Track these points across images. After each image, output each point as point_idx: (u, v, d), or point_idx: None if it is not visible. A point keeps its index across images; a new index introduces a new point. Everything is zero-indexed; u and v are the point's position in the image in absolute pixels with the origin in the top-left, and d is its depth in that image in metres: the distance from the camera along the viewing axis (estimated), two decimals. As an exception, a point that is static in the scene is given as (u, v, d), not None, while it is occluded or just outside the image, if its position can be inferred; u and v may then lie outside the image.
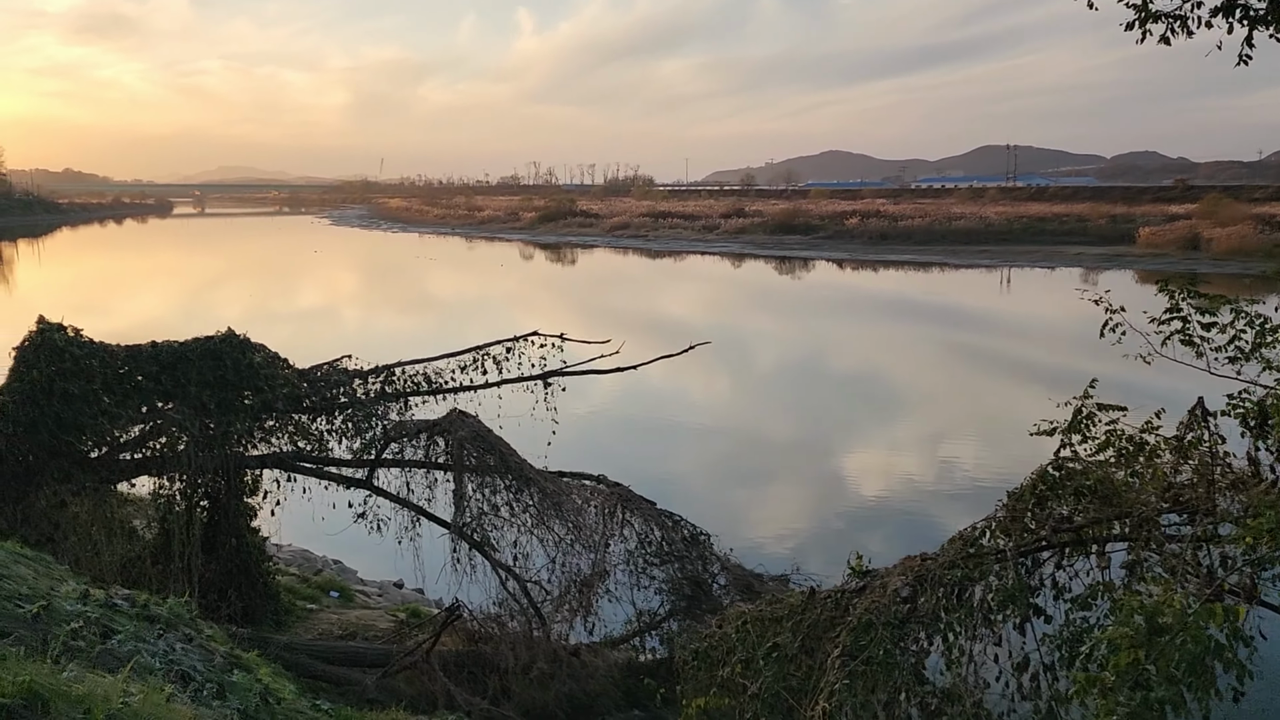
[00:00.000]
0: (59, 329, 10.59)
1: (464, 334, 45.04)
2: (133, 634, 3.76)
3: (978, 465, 23.43)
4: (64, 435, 10.22)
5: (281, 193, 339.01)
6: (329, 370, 12.16)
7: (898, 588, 5.05)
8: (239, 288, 70.47)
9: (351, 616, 14.90)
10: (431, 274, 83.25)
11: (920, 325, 49.36)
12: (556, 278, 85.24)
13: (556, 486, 10.41)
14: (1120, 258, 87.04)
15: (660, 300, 61.24)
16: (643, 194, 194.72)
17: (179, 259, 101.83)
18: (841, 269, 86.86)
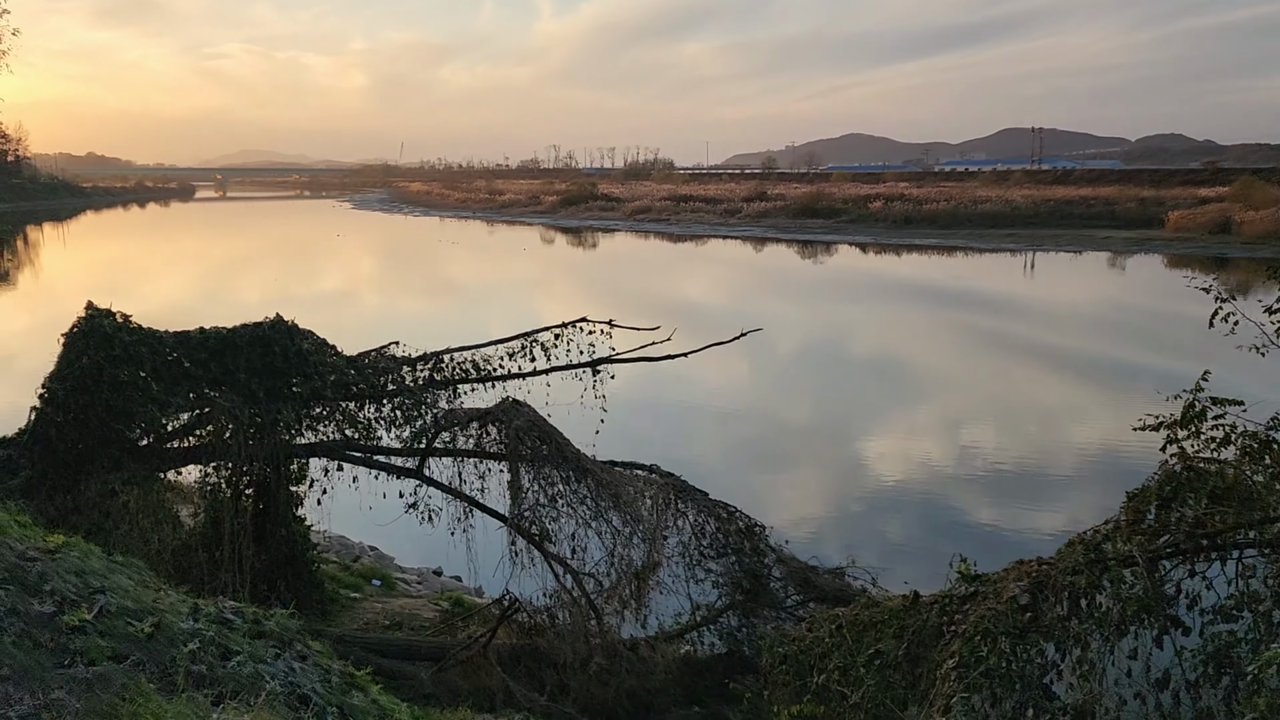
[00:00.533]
0: (108, 315, 10.40)
1: (494, 319, 45.11)
2: (250, 654, 3.54)
3: (1050, 460, 22.96)
4: (114, 423, 10.05)
5: (302, 176, 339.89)
6: (376, 357, 11.95)
7: (1015, 594, 4.76)
8: (265, 272, 70.65)
9: (395, 605, 14.76)
10: (456, 258, 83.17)
11: (952, 311, 48.80)
12: (581, 262, 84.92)
13: (612, 477, 10.16)
14: (1149, 242, 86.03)
15: (690, 286, 60.70)
16: (663, 177, 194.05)
17: (204, 243, 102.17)
18: (867, 253, 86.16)
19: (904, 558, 15.76)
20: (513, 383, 12.39)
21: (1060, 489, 20.93)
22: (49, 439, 9.85)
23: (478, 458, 10.77)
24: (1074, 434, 25.21)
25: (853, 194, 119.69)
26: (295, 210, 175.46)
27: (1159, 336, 41.10)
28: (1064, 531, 18.00)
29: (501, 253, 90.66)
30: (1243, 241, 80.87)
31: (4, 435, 10.46)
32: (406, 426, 11.40)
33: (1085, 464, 22.50)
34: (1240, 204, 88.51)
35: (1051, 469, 22.21)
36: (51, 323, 39.45)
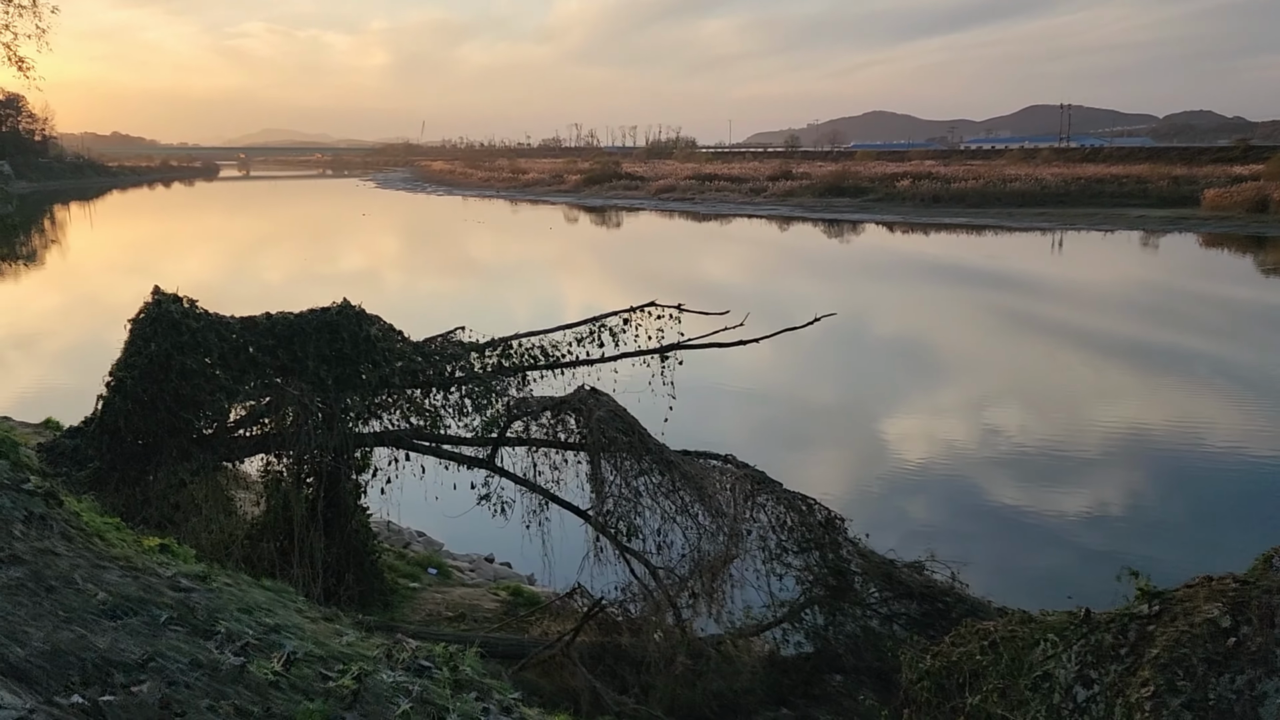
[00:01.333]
0: (175, 300, 10.08)
1: (532, 303, 44.81)
2: (462, 713, 3.17)
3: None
4: (182, 412, 9.74)
5: (325, 155, 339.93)
6: (442, 342, 11.59)
7: (1214, 617, 4.36)
8: (297, 252, 70.56)
9: (455, 595, 14.47)
10: (484, 238, 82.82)
11: (999, 294, 48.04)
12: (610, 242, 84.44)
13: (695, 470, 9.78)
14: (1184, 220, 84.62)
15: (728, 267, 59.83)
16: (686, 156, 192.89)
17: (234, 222, 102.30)
18: (897, 232, 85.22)
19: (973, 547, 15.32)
20: (581, 370, 12.04)
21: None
22: (117, 429, 9.56)
23: (555, 448, 10.40)
24: (1141, 420, 24.65)
25: (879, 172, 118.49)
26: (319, 189, 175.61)
27: (1226, 321, 40.37)
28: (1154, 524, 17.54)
29: (528, 232, 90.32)
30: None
31: (72, 425, 10.17)
32: (476, 415, 11.04)
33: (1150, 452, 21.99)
34: (1277, 182, 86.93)
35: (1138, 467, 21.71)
36: (87, 302, 39.25)
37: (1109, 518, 17.89)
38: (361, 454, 11.52)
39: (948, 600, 10.37)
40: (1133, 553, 15.65)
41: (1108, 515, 18.05)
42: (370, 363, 10.63)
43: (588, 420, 9.75)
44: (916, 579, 10.69)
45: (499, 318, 38.82)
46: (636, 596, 10.94)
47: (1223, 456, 21.65)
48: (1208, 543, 16.40)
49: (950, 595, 10.41)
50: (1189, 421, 24.39)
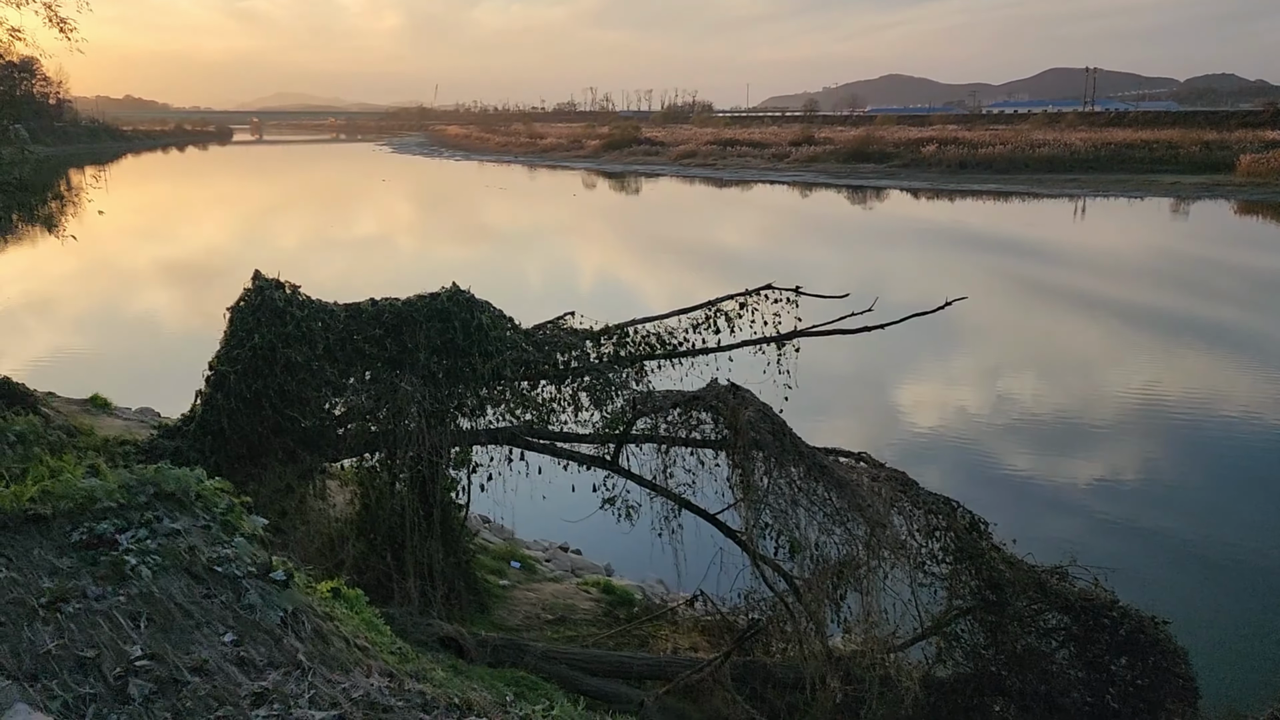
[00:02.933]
0: (277, 286, 9.21)
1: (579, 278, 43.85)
2: None
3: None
4: (288, 410, 8.91)
5: (338, 120, 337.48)
6: (553, 330, 10.70)
7: None
8: (325, 220, 69.66)
9: (546, 594, 13.71)
10: (508, 205, 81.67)
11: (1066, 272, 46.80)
12: (642, 211, 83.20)
13: (846, 475, 8.90)
14: (1219, 187, 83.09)
15: (779, 239, 58.21)
16: (703, 121, 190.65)
17: (254, 187, 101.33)
18: (927, 200, 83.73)
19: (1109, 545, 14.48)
20: (692, 359, 11.16)
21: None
22: (220, 429, 8.74)
23: (689, 446, 9.53)
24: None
25: (903, 138, 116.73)
26: (334, 154, 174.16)
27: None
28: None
29: (552, 199, 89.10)
30: (1319, 187, 77.85)
31: (170, 423, 9.34)
32: (594, 410, 10.18)
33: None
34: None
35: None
36: (115, 268, 37.99)
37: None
38: (461, 450, 10.70)
39: (1111, 616, 9.52)
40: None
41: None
42: (482, 353, 9.76)
43: (733, 419, 8.87)
44: (1073, 590, 9.84)
45: (549, 295, 38.04)
46: (771, 609, 10.16)
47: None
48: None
49: (1114, 610, 9.55)
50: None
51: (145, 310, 37.56)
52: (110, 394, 21.52)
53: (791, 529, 8.49)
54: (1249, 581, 14.76)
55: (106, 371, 26.83)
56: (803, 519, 8.49)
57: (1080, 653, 9.42)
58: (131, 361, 29.11)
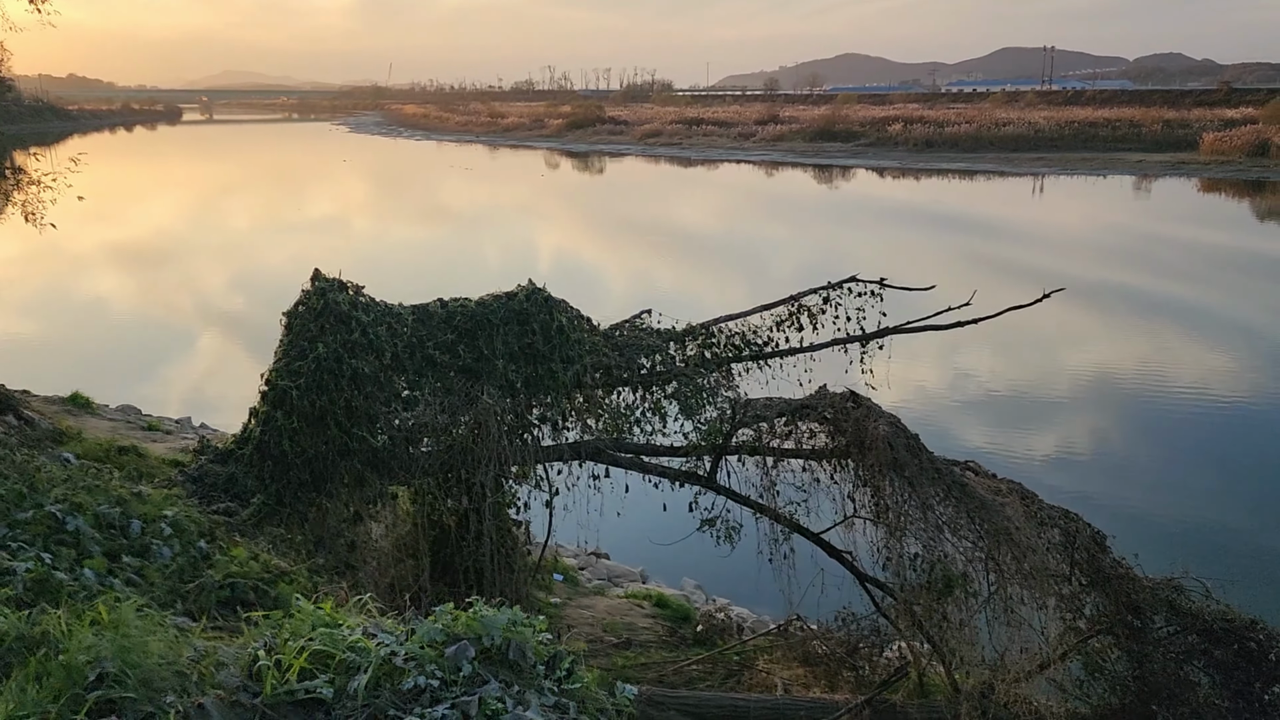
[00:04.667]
0: (340, 287, 8.06)
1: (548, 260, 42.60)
2: None
3: None
4: (355, 428, 7.79)
5: (290, 99, 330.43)
6: (632, 331, 9.64)
7: None
8: (292, 201, 67.63)
9: (600, 611, 12.72)
10: (478, 186, 79.92)
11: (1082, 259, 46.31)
12: (613, 191, 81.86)
13: (986, 494, 7.97)
14: (1185, 165, 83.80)
15: (767, 221, 57.06)
16: (664, 99, 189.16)
17: (215, 168, 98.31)
18: (900, 179, 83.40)
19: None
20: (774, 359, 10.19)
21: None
22: (282, 453, 7.59)
23: (800, 458, 8.54)
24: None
25: (868, 116, 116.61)
26: (289, 134, 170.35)
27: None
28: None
29: (521, 179, 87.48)
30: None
31: (221, 447, 8.16)
32: (682, 420, 9.16)
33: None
34: (1275, 125, 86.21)
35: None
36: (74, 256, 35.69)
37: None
38: (524, 467, 9.61)
39: (1257, 639, 8.71)
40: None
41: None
42: (563, 359, 8.70)
43: (858, 432, 7.90)
44: (1211, 609, 9.02)
45: (548, 281, 36.67)
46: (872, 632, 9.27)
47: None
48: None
49: (1258, 633, 8.74)
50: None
51: (108, 298, 35.85)
52: (82, 389, 20.17)
53: (945, 561, 7.55)
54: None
55: (71, 364, 25.35)
56: (949, 547, 7.56)
57: (1225, 681, 8.63)
58: (99, 354, 27.56)
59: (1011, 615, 8.54)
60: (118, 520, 3.20)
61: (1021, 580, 7.68)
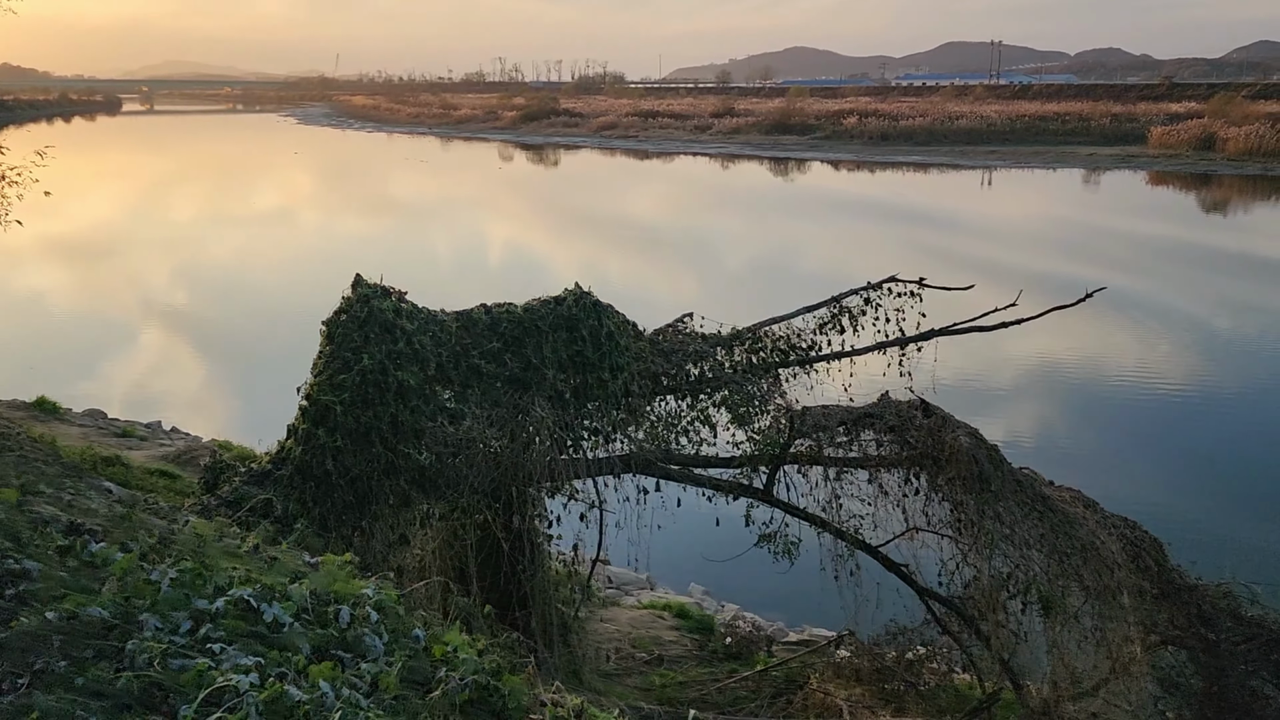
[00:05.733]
0: (383, 293, 7.47)
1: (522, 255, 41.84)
2: None
3: None
4: (401, 444, 7.22)
5: (234, 89, 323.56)
6: (675, 335, 9.16)
7: None
8: (247, 196, 65.99)
9: (623, 624, 12.23)
10: (436, 180, 78.77)
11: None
12: (571, 183, 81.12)
13: (1067, 508, 7.62)
14: (1134, 158, 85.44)
15: (738, 216, 56.43)
16: (617, 92, 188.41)
17: (166, 161, 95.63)
18: (859, 172, 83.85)
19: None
20: (820, 363, 9.77)
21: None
22: (325, 473, 7.00)
23: (865, 468, 8.11)
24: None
25: (824, 110, 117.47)
26: (235, 125, 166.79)
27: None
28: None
29: (478, 172, 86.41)
30: (1228, 158, 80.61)
31: (255, 467, 7.52)
32: (733, 430, 8.70)
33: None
34: (1221, 120, 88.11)
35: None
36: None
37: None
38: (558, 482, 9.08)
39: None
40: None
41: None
42: (611, 368, 8.19)
43: (933, 443, 7.51)
44: (1272, 617, 8.80)
45: (515, 275, 36.19)
46: (930, 647, 8.91)
47: None
48: None
49: None
50: None
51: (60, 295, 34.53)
52: (32, 392, 19.26)
53: (1039, 580, 7.18)
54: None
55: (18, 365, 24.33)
56: (1037, 564, 7.20)
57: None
58: (48, 355, 26.44)
59: (1091, 631, 8.21)
60: (312, 603, 2.67)
61: (1106, 596, 7.34)
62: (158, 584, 2.52)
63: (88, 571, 2.86)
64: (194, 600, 2.46)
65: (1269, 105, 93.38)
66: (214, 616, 2.42)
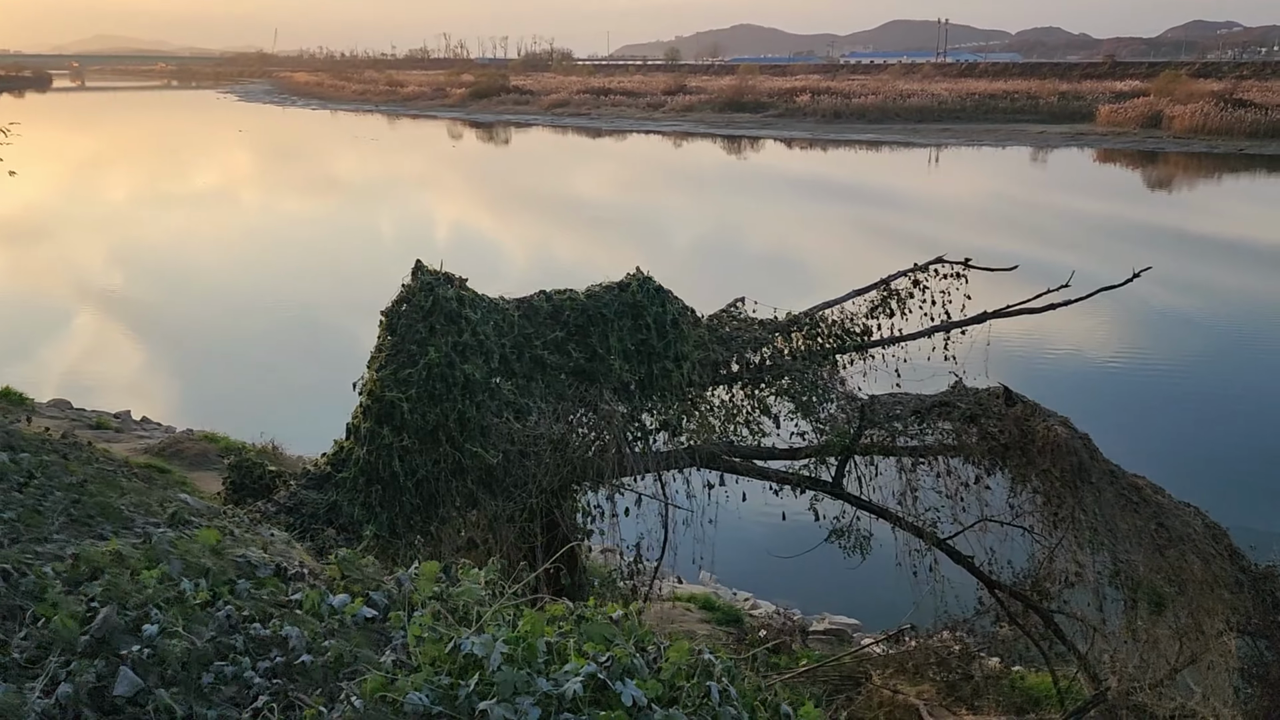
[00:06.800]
0: (447, 281, 6.95)
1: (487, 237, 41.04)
2: None
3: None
4: (468, 442, 6.73)
5: (169, 65, 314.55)
6: (729, 320, 8.74)
7: None
8: (186, 179, 63.98)
9: (652, 616, 11.78)
10: (389, 159, 77.17)
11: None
12: (529, 163, 80.00)
13: (1162, 500, 7.36)
14: (1084, 136, 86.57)
15: (705, 197, 55.88)
16: (566, 69, 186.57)
17: (107, 140, 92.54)
18: (810, 149, 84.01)
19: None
20: (877, 349, 9.45)
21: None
22: (393, 475, 6.49)
23: (943, 455, 7.77)
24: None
25: (776, 88, 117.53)
26: (174, 102, 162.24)
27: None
28: None
29: (429, 150, 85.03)
30: (1174, 136, 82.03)
31: (312, 470, 6.97)
32: (801, 419, 8.32)
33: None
34: (1166, 98, 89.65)
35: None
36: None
37: None
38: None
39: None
40: None
41: None
42: (676, 357, 7.76)
43: (1019, 433, 7.20)
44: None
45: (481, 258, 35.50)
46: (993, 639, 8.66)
47: None
48: None
49: None
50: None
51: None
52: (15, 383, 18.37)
53: (1149, 579, 6.89)
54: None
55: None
56: (1140, 560, 6.93)
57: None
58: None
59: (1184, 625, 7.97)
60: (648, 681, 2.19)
61: (1204, 589, 7.11)
62: (478, 658, 2.04)
63: (353, 635, 2.38)
64: (536, 681, 1.99)
65: (1210, 84, 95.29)
66: (566, 703, 1.95)
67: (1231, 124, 78.29)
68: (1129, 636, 7.06)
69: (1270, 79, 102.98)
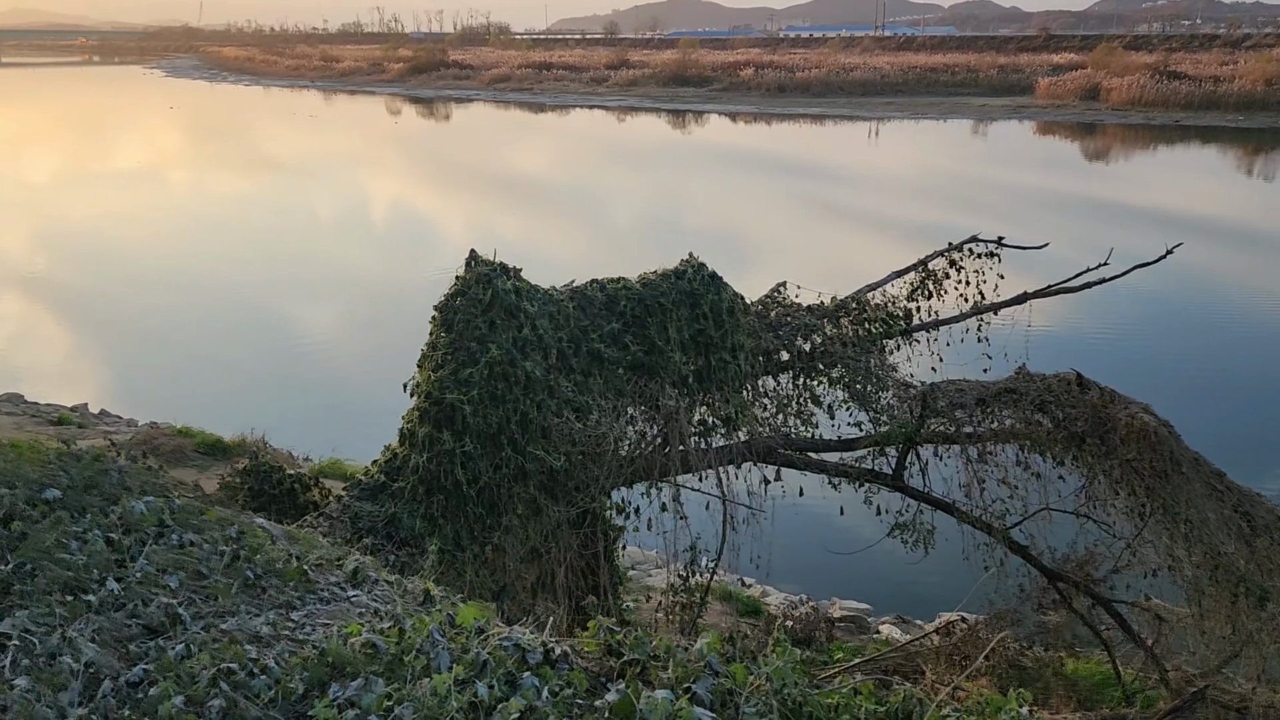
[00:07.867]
0: (503, 272, 6.41)
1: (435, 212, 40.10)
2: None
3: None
4: (530, 445, 6.24)
5: (89, 39, 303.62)
6: (775, 306, 8.31)
7: None
8: (117, 157, 61.63)
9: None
10: (332, 136, 75.12)
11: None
12: (471, 138, 78.54)
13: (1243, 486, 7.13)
14: (1025, 109, 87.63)
15: (666, 173, 55.27)
16: (504, 43, 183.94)
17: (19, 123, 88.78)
18: (757, 123, 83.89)
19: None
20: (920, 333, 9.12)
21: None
22: (455, 483, 5.97)
23: (1014, 441, 7.45)
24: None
25: (719, 62, 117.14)
26: (98, 79, 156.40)
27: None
28: None
29: (370, 126, 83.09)
30: (1112, 108, 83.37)
31: (364, 480, 6.40)
32: (853, 408, 7.96)
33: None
34: (1104, 71, 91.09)
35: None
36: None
37: None
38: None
39: None
40: None
41: None
42: (732, 348, 7.33)
43: (1096, 420, 6.91)
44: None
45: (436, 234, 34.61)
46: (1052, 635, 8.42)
47: None
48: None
49: None
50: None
51: None
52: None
53: (1247, 573, 6.65)
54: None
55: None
56: (1234, 551, 6.68)
57: None
58: None
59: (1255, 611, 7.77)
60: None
61: None
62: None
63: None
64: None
65: (1143, 56, 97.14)
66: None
67: (1167, 95, 79.81)
68: (1229, 629, 6.81)
69: (1198, 51, 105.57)
